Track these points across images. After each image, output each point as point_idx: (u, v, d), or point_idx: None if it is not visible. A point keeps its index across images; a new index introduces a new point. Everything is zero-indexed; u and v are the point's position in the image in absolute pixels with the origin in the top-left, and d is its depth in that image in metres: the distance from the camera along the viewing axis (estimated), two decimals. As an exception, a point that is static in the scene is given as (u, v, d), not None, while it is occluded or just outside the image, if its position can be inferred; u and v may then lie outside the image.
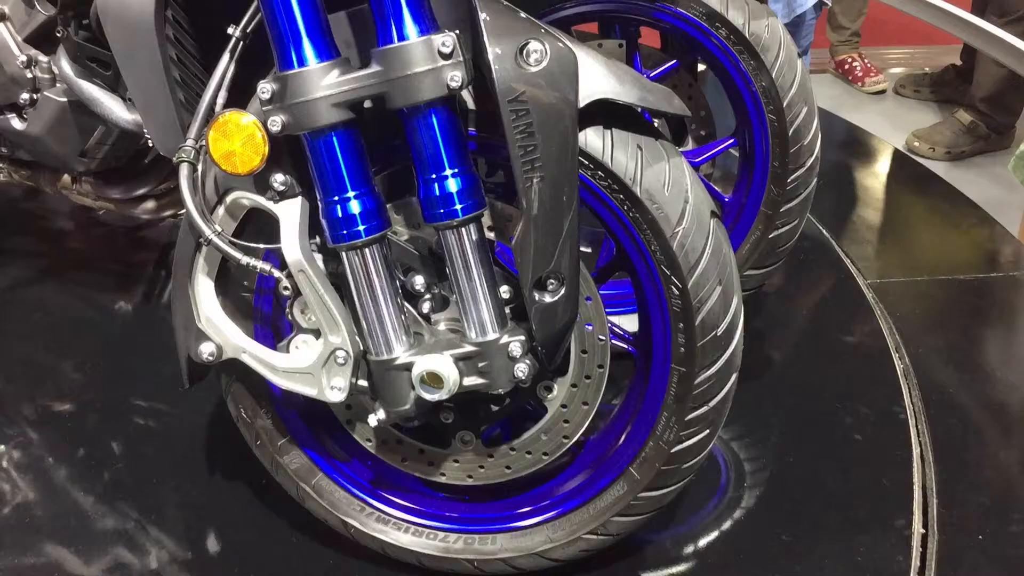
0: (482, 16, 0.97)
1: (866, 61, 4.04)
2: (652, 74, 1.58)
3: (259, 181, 1.05)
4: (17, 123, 1.51)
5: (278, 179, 1.04)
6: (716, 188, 1.66)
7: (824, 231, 2.31)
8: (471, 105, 1.05)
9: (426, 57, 0.95)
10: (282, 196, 1.06)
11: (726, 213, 1.66)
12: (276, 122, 0.98)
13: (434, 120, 0.98)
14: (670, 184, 1.06)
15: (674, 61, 1.59)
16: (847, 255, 2.23)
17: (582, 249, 1.76)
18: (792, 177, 1.54)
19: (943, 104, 3.83)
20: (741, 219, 1.62)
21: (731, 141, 1.62)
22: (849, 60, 4.05)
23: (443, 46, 0.95)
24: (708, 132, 1.68)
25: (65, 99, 1.44)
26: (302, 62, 0.97)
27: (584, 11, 1.50)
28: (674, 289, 1.08)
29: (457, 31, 0.97)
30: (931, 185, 2.68)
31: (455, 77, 0.95)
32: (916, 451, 1.58)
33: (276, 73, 0.99)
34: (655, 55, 1.62)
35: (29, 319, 1.96)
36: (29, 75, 1.45)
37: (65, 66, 1.39)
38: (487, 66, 0.96)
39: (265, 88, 0.98)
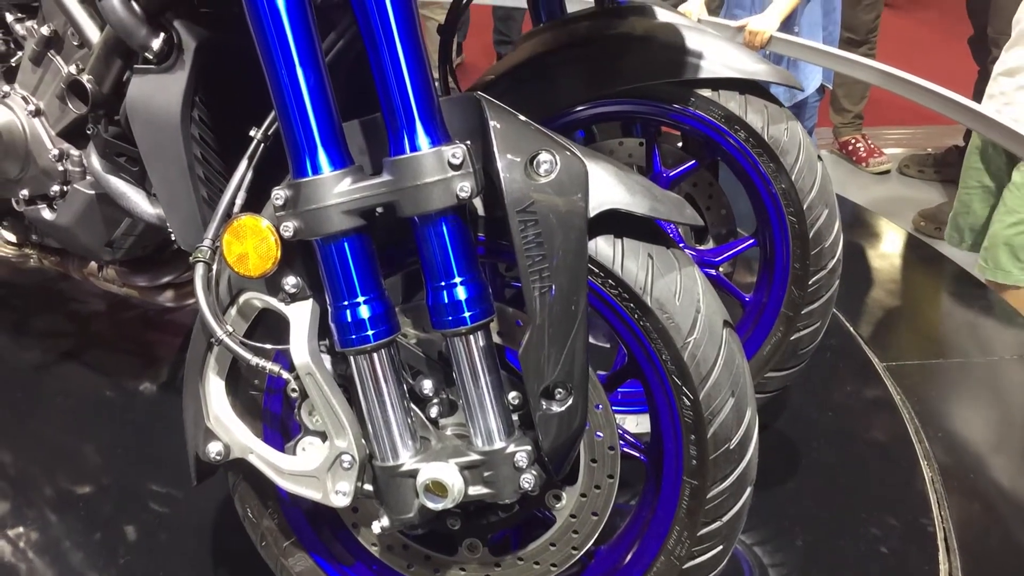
0: (493, 126, 0.98)
1: (869, 142, 4.07)
2: (672, 174, 1.59)
3: (271, 283, 1.07)
4: (47, 213, 1.55)
5: (289, 282, 1.05)
6: (736, 288, 1.64)
7: (837, 312, 2.29)
8: (481, 211, 1.06)
9: (436, 168, 0.96)
10: (293, 298, 1.06)
11: (747, 313, 1.64)
12: (288, 227, 1.00)
13: (444, 229, 0.99)
14: (681, 293, 1.05)
15: (693, 162, 1.60)
16: (861, 336, 2.22)
17: (600, 345, 1.75)
18: (813, 279, 1.52)
19: (947, 184, 3.82)
20: (762, 320, 1.60)
21: (751, 242, 1.61)
22: (853, 141, 4.08)
23: (453, 157, 0.96)
24: (728, 230, 1.67)
25: (93, 192, 1.47)
26: (316, 170, 0.98)
27: (603, 112, 1.51)
28: (685, 400, 1.06)
29: (468, 141, 0.99)
30: (940, 266, 2.68)
31: (464, 188, 0.96)
32: (942, 551, 1.54)
33: (290, 180, 1.00)
34: (675, 154, 1.63)
35: (52, 401, 1.98)
36: (60, 168, 1.49)
37: (94, 161, 1.42)
38: (497, 175, 0.97)
39: (279, 194, 1.00)
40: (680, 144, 1.67)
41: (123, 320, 2.24)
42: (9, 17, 1.50)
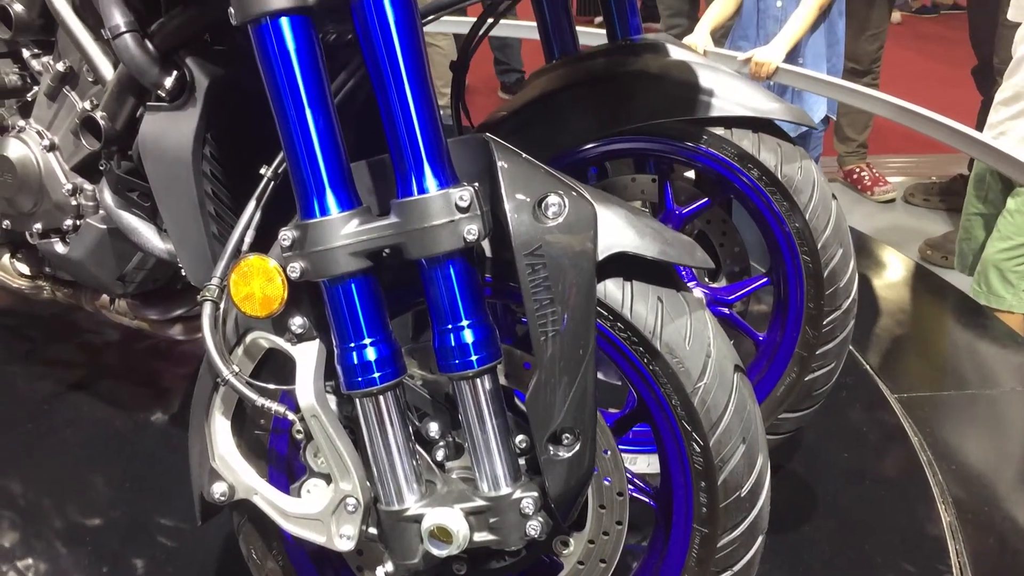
0: (501, 168, 0.98)
1: (874, 171, 4.05)
2: (684, 211, 1.58)
3: (278, 323, 1.06)
4: (60, 247, 1.55)
5: (296, 322, 1.05)
6: (750, 327, 1.62)
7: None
8: (488, 252, 1.05)
9: (444, 210, 0.95)
10: (300, 339, 1.06)
11: (760, 353, 1.62)
12: (295, 269, 0.99)
13: (451, 271, 0.98)
14: (691, 338, 1.03)
15: (706, 199, 1.58)
16: (871, 367, 2.21)
17: (612, 382, 1.73)
18: (828, 319, 1.50)
19: (953, 212, 3.80)
20: (776, 360, 1.57)
21: (764, 280, 1.59)
22: (857, 170, 4.07)
23: (460, 200, 0.95)
24: (742, 268, 1.65)
25: (105, 227, 1.48)
26: (323, 212, 0.98)
27: (615, 149, 1.51)
28: (695, 446, 1.04)
29: (476, 183, 0.98)
30: (948, 296, 2.68)
31: (471, 230, 0.95)
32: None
33: (297, 221, 1.00)
34: (688, 191, 1.62)
35: (62, 432, 1.98)
36: (74, 202, 1.50)
37: (107, 196, 1.43)
38: (504, 217, 0.97)
39: (286, 235, 0.99)
40: (693, 181, 1.65)
41: (134, 352, 2.24)
42: (26, 53, 1.51)
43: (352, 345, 1.00)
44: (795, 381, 1.56)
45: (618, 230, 1.01)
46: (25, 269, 1.76)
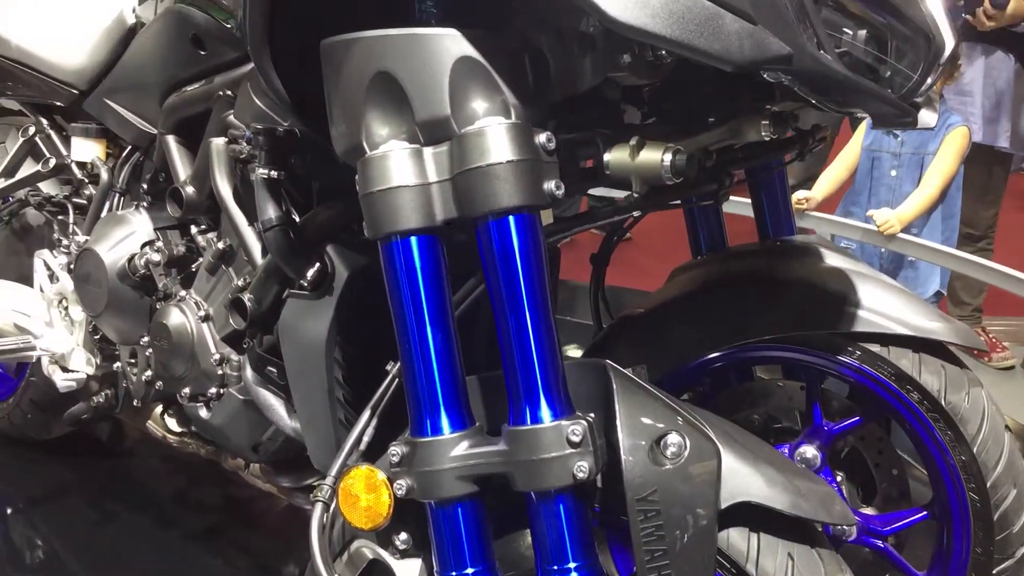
0: (618, 397, 0.93)
1: (991, 336, 3.70)
2: (835, 427, 1.45)
3: (383, 534, 1.04)
4: (204, 412, 1.61)
5: (401, 537, 1.03)
6: (907, 563, 1.44)
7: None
8: (599, 482, 0.98)
9: (555, 444, 0.90)
10: (403, 555, 1.03)
11: (919, 596, 1.44)
12: (402, 486, 0.97)
13: (559, 508, 0.92)
14: (825, 605, 0.92)
15: (858, 418, 1.44)
16: None
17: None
18: (999, 568, 1.31)
19: None
20: (937, 607, 1.39)
21: (923, 514, 1.42)
22: None
23: (573, 434, 0.90)
24: (900, 493, 1.48)
25: (244, 398, 1.51)
26: (435, 431, 0.96)
27: (759, 356, 1.42)
28: None
29: (592, 413, 0.93)
30: None
31: (582, 467, 0.90)
32: None
33: (407, 436, 0.98)
34: (841, 404, 1.49)
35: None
36: (220, 372, 1.55)
37: (247, 371, 1.47)
38: (618, 453, 0.90)
39: (395, 451, 0.98)
40: (847, 393, 1.52)
41: (267, 513, 2.27)
42: (193, 228, 1.61)
43: (454, 574, 0.95)
44: (959, 635, 1.36)
45: (744, 476, 0.92)
46: (174, 425, 1.83)
